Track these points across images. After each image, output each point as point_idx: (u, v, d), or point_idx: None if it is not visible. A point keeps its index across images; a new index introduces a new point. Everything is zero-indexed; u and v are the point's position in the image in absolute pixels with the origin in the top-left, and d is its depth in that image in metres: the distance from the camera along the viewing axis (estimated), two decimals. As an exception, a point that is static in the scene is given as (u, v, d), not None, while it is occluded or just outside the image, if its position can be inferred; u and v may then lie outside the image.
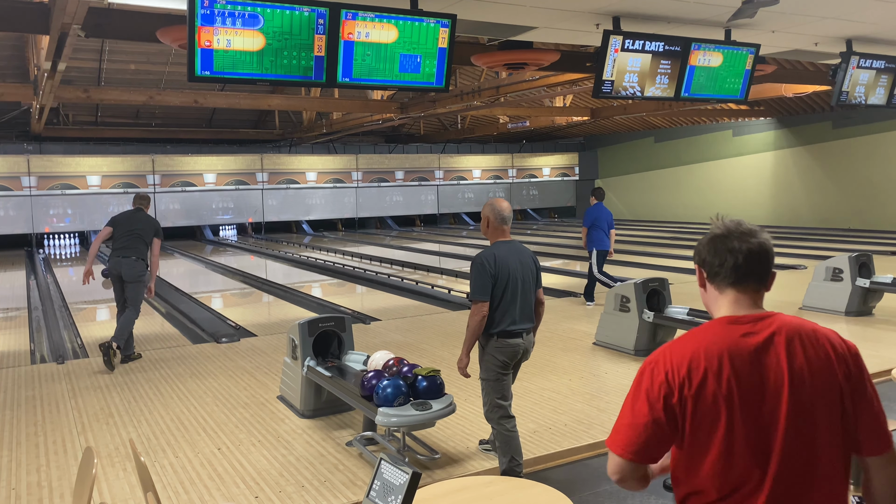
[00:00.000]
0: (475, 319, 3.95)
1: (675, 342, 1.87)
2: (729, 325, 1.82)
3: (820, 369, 1.75)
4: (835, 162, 19.87)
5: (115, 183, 21.13)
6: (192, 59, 4.85)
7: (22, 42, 14.50)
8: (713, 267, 1.88)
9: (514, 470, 4.03)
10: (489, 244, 4.13)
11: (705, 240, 1.94)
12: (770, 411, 1.73)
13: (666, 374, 1.78)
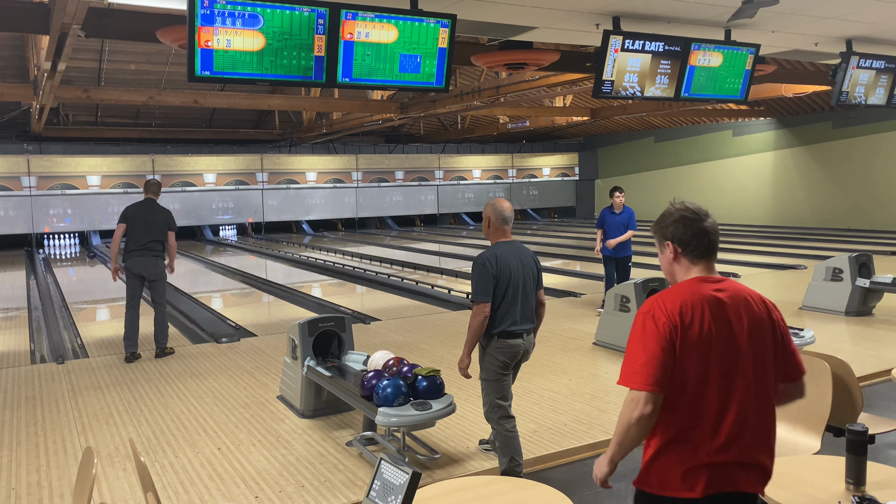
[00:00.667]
0: (477, 320, 3.95)
1: (663, 295, 2.28)
2: (702, 283, 2.28)
3: (763, 320, 2.29)
4: (835, 162, 19.87)
5: (115, 183, 21.13)
6: (192, 59, 4.85)
7: (22, 42, 14.51)
8: (689, 244, 2.30)
9: (514, 470, 4.04)
10: (490, 244, 4.13)
11: (673, 220, 2.33)
12: (737, 349, 2.21)
13: (666, 317, 2.19)
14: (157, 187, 7.21)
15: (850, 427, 2.74)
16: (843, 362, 3.70)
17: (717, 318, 2.21)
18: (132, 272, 7.03)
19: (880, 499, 2.62)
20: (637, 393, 2.16)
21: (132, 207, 7.15)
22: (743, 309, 2.25)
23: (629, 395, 2.19)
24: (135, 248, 6.99)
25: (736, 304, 2.25)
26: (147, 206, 7.13)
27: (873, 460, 2.86)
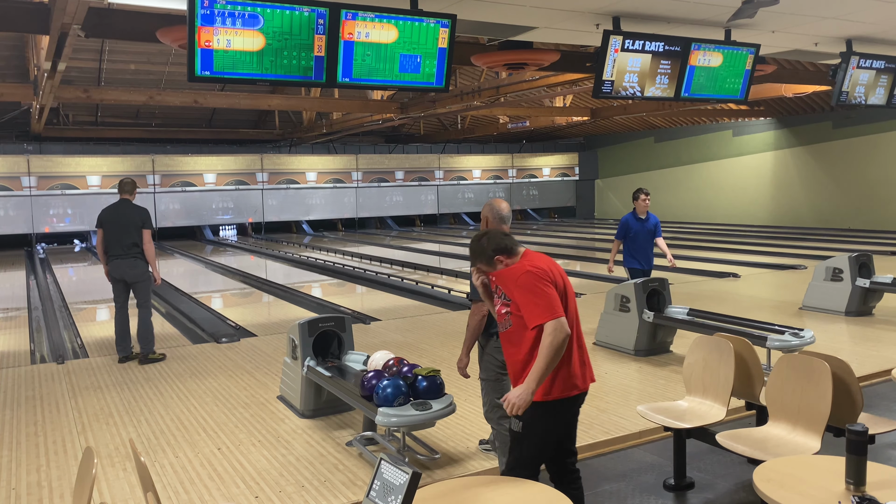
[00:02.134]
0: (475, 319, 3.96)
1: (530, 261, 3.19)
2: (534, 253, 3.28)
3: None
4: (835, 162, 19.88)
5: (115, 183, 21.10)
6: (192, 59, 4.85)
7: (22, 42, 14.51)
8: (512, 248, 3.24)
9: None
10: None
11: (496, 238, 3.28)
12: (570, 293, 3.23)
13: (545, 272, 3.13)
14: (132, 186, 6.97)
15: (850, 427, 2.74)
16: (843, 362, 3.70)
17: (559, 271, 3.23)
18: (114, 276, 6.93)
19: (880, 499, 2.63)
20: (557, 321, 2.99)
21: (106, 210, 6.98)
22: (559, 267, 3.29)
23: (550, 326, 2.98)
24: (113, 252, 6.86)
25: (558, 265, 3.30)
26: (121, 207, 6.93)
27: (873, 460, 2.86)
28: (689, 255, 14.36)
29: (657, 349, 6.83)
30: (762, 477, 2.92)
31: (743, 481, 4.11)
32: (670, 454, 4.16)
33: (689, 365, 4.36)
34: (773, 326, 6.16)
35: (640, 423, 4.81)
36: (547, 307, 3.02)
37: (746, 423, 4.57)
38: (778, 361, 3.91)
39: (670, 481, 4.11)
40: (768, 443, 3.62)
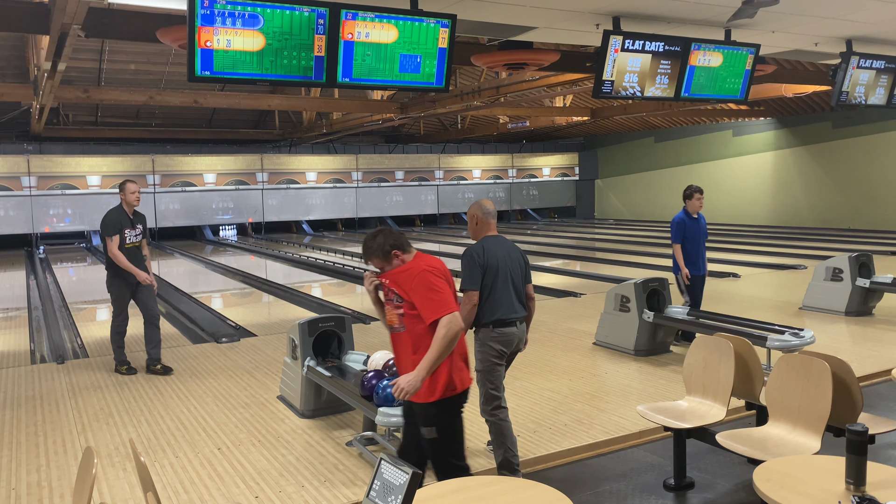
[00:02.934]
0: (466, 308, 4.04)
1: (430, 261, 3.35)
2: (433, 256, 3.49)
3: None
4: (835, 162, 19.87)
5: (115, 183, 21.10)
6: (192, 60, 4.84)
7: (22, 42, 14.50)
8: (407, 245, 3.39)
9: (511, 461, 4.05)
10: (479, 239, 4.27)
11: (392, 234, 3.38)
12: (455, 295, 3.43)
13: (442, 272, 3.32)
14: (121, 187, 6.58)
15: (850, 427, 2.74)
16: (843, 362, 3.70)
17: (449, 273, 3.42)
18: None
19: (880, 499, 2.63)
20: (453, 315, 3.20)
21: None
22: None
23: (446, 319, 3.16)
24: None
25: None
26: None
27: (873, 460, 2.87)
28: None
29: (657, 349, 6.83)
30: (762, 477, 2.93)
31: (743, 481, 4.11)
32: (670, 454, 4.16)
33: (689, 365, 4.36)
34: (773, 326, 6.17)
35: (640, 423, 4.81)
36: (443, 302, 3.21)
37: (746, 423, 4.58)
38: (778, 361, 3.91)
39: (670, 481, 4.11)
40: (768, 443, 3.62)
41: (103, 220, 6.49)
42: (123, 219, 6.51)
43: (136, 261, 6.57)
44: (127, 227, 6.50)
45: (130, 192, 6.52)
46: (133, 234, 6.57)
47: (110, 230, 6.41)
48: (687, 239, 7.02)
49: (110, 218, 6.47)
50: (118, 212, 6.53)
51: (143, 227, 6.74)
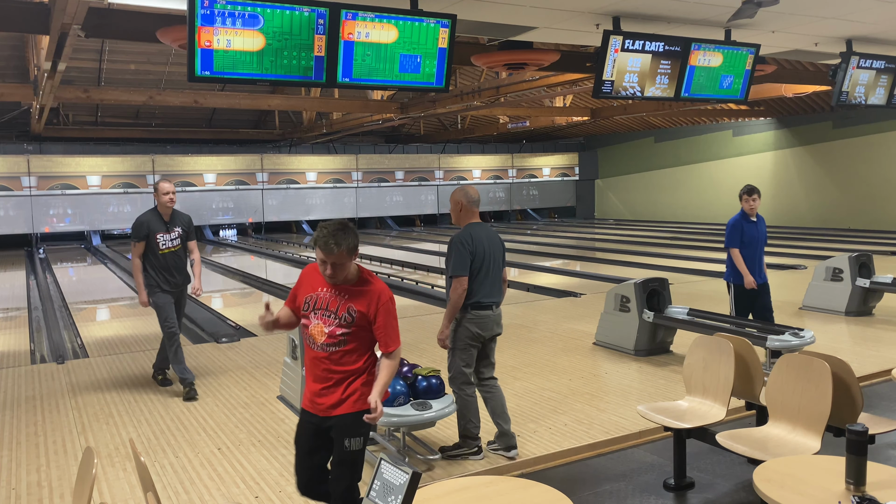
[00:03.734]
0: (456, 293, 4.26)
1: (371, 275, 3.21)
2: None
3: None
4: (835, 162, 19.87)
5: (115, 183, 21.14)
6: (192, 59, 4.84)
7: (22, 42, 14.50)
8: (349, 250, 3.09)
9: (471, 431, 4.37)
10: (461, 228, 4.42)
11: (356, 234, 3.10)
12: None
13: (385, 286, 3.21)
14: (154, 187, 6.18)
15: (850, 427, 2.74)
16: (843, 362, 3.70)
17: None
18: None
19: (880, 499, 2.63)
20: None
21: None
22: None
23: (399, 349, 3.17)
24: None
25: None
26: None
27: (873, 460, 2.87)
28: (689, 255, 14.37)
29: (657, 349, 6.83)
30: (762, 477, 2.93)
31: (743, 481, 4.11)
32: (670, 454, 4.16)
33: (689, 365, 4.36)
34: (773, 326, 6.16)
35: (640, 423, 4.81)
36: (398, 333, 3.18)
37: (746, 423, 4.57)
38: (778, 361, 3.91)
39: (670, 481, 4.11)
40: (768, 443, 3.62)
41: (135, 222, 6.02)
42: (155, 222, 5.94)
43: (173, 268, 5.99)
44: (159, 230, 5.92)
45: (162, 192, 5.95)
46: (168, 238, 5.97)
47: (136, 234, 5.91)
48: (743, 243, 6.40)
49: (139, 221, 5.98)
50: (149, 214, 6.00)
51: (185, 229, 6.10)
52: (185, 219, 6.15)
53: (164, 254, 5.95)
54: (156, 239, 5.91)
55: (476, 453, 4.42)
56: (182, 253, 6.10)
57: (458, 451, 4.44)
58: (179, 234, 6.05)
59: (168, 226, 5.99)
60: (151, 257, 5.91)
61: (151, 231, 5.90)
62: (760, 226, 6.53)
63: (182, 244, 6.07)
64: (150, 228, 5.91)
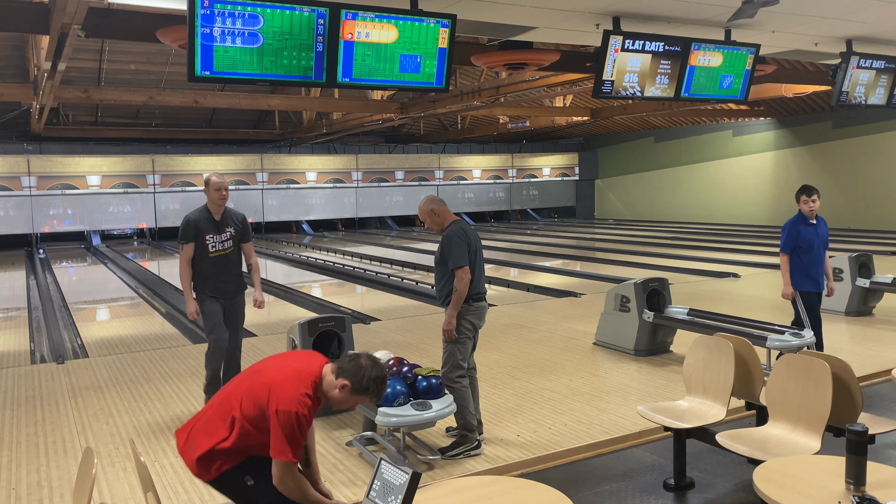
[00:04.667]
0: (463, 283, 4.40)
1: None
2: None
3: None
4: (835, 162, 19.88)
5: (115, 183, 21.14)
6: (191, 59, 4.85)
7: (22, 42, 14.51)
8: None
9: (470, 423, 4.45)
10: (445, 229, 4.56)
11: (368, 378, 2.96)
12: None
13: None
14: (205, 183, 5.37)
15: (850, 427, 2.75)
16: (843, 362, 3.70)
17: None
18: None
19: (880, 499, 2.63)
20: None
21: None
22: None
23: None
24: None
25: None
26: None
27: (873, 460, 2.87)
28: (689, 255, 14.37)
29: (657, 349, 6.83)
30: (762, 477, 2.93)
31: (743, 481, 4.11)
32: (670, 454, 4.16)
33: (689, 365, 4.36)
34: (773, 326, 6.16)
35: (640, 423, 4.81)
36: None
37: (746, 423, 4.57)
38: (778, 361, 3.91)
39: (670, 481, 4.11)
40: (768, 443, 3.62)
41: (182, 222, 5.31)
42: (204, 221, 5.24)
43: (224, 273, 5.30)
44: (209, 230, 5.24)
45: (214, 187, 5.22)
46: (219, 239, 5.26)
47: (184, 235, 5.22)
48: (800, 248, 5.94)
49: (187, 222, 5.25)
50: (199, 213, 5.29)
51: (239, 229, 5.37)
52: (239, 217, 5.43)
53: (214, 257, 5.24)
54: (205, 241, 5.21)
55: (476, 447, 4.48)
56: (235, 256, 5.36)
57: (459, 449, 4.44)
58: (232, 234, 5.31)
59: (219, 226, 5.27)
60: (199, 262, 5.22)
61: (200, 231, 5.20)
62: (821, 228, 6.06)
63: (235, 246, 5.34)
64: (198, 229, 5.21)
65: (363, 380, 2.91)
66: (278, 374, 2.94)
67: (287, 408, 2.81)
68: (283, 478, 2.85)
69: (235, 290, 5.37)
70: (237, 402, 2.93)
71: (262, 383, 2.93)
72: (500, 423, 5.03)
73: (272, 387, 2.89)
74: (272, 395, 2.86)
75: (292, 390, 2.86)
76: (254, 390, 2.93)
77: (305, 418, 2.84)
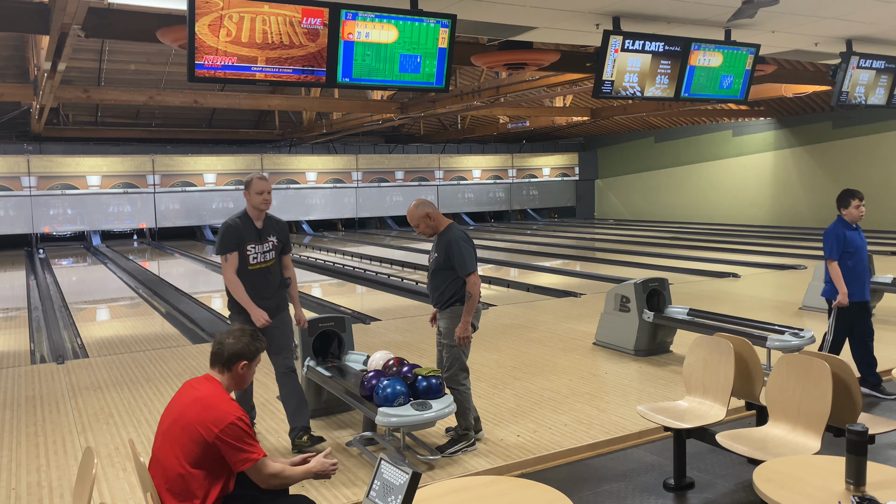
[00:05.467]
0: (478, 287, 4.45)
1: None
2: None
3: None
4: (835, 162, 19.88)
5: (115, 183, 21.14)
6: (191, 59, 4.84)
7: (22, 42, 14.51)
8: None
9: (471, 422, 4.54)
10: (440, 231, 4.58)
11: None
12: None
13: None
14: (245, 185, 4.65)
15: (850, 427, 2.75)
16: (843, 362, 3.70)
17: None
18: None
19: (880, 499, 2.63)
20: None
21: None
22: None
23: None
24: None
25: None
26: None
27: (873, 460, 2.87)
28: (689, 255, 14.37)
29: (657, 349, 6.83)
30: (762, 477, 2.93)
31: (743, 481, 4.11)
32: (670, 454, 4.16)
33: (689, 365, 4.36)
34: (773, 326, 6.16)
35: (640, 423, 4.81)
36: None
37: (746, 423, 4.57)
38: (778, 361, 3.91)
39: (670, 481, 4.11)
40: (768, 443, 3.62)
41: (219, 230, 4.62)
42: (246, 229, 4.57)
43: (265, 288, 4.60)
44: (250, 240, 4.56)
45: (256, 190, 4.53)
46: (260, 250, 4.58)
47: (224, 245, 4.54)
48: (848, 254, 5.55)
49: (227, 229, 4.57)
50: (240, 219, 4.60)
51: (282, 239, 4.70)
52: (282, 226, 4.76)
53: (254, 270, 4.57)
54: (246, 251, 4.55)
55: (472, 445, 4.53)
56: (277, 269, 4.69)
57: (456, 447, 4.48)
58: (274, 244, 4.65)
59: (261, 234, 4.60)
60: (237, 275, 4.55)
61: (242, 241, 4.54)
62: (861, 234, 5.72)
63: (277, 258, 4.68)
64: (242, 237, 4.54)
65: (248, 347, 2.99)
66: (192, 411, 2.82)
67: (224, 422, 2.76)
68: (267, 477, 2.83)
69: (278, 306, 4.66)
70: (181, 461, 2.77)
71: (185, 427, 2.80)
72: (500, 423, 5.03)
73: (195, 424, 2.78)
74: (203, 427, 2.76)
75: (216, 409, 2.80)
76: (183, 439, 2.79)
77: (243, 419, 2.81)
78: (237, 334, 3.01)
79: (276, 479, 2.86)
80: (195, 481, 2.77)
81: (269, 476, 2.84)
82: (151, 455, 2.90)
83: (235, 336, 3.00)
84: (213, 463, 2.79)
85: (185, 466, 2.76)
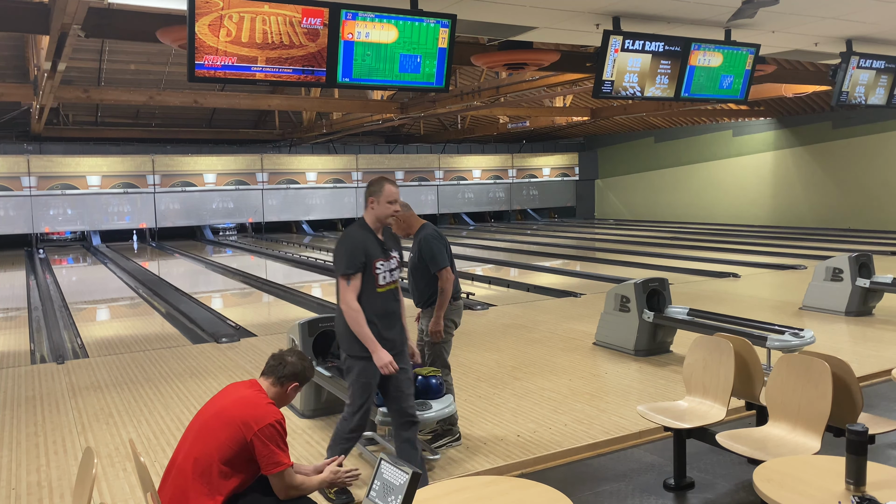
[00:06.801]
0: (450, 283, 4.56)
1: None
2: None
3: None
4: (835, 162, 19.88)
5: (115, 183, 21.14)
6: (191, 59, 4.84)
7: (22, 42, 14.51)
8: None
9: (454, 417, 4.58)
10: (414, 231, 4.72)
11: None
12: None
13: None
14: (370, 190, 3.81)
15: (850, 427, 2.74)
16: (843, 362, 3.70)
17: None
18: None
19: (880, 499, 2.63)
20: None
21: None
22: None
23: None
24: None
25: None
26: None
27: (873, 460, 2.87)
28: (689, 255, 14.37)
29: (657, 349, 6.83)
30: (762, 477, 2.93)
31: (743, 481, 4.11)
32: (670, 454, 4.16)
33: (689, 365, 4.36)
34: (773, 326, 6.17)
35: (640, 423, 4.81)
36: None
37: (746, 423, 4.57)
38: (778, 361, 3.91)
39: (670, 481, 4.11)
40: (768, 443, 3.62)
41: (339, 244, 3.77)
42: (371, 244, 3.75)
43: (391, 315, 3.91)
44: (378, 255, 3.77)
45: (387, 198, 3.75)
46: (388, 267, 3.84)
47: (352, 262, 3.67)
48: None
49: (354, 241, 3.73)
50: (362, 231, 3.78)
51: (400, 253, 4.00)
52: (397, 238, 4.11)
53: (383, 293, 3.82)
54: (374, 269, 3.73)
55: (458, 439, 4.61)
56: (399, 293, 4.03)
57: (442, 441, 4.56)
58: (399, 261, 3.96)
59: (385, 248, 3.83)
60: (361, 300, 3.73)
61: (370, 257, 3.72)
62: None
63: (396, 280, 3.96)
64: (369, 253, 3.72)
65: (305, 371, 3.14)
66: (235, 407, 2.92)
67: (265, 422, 2.86)
68: (287, 488, 2.89)
69: (402, 339, 3.95)
70: (212, 453, 2.85)
71: (226, 422, 2.88)
72: (500, 423, 5.03)
73: (237, 419, 2.86)
74: (243, 423, 2.85)
75: (259, 408, 2.91)
76: (221, 433, 2.87)
77: (282, 423, 2.91)
78: (300, 355, 3.17)
79: (295, 491, 2.92)
80: (221, 475, 2.85)
81: (289, 486, 2.90)
82: (178, 449, 2.96)
83: (298, 356, 3.15)
84: (243, 462, 2.88)
85: (216, 459, 2.85)
